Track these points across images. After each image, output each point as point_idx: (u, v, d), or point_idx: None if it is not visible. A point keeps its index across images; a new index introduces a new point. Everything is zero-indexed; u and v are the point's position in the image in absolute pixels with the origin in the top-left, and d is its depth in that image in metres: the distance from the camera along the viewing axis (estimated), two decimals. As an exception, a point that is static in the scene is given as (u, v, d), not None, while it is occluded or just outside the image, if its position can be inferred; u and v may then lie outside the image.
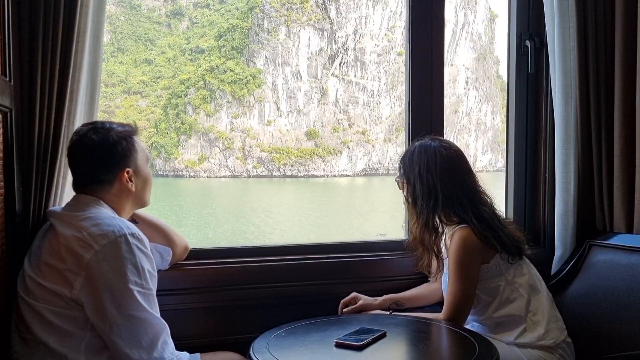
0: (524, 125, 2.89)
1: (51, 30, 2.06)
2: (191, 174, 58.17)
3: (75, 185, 2.02)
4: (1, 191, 1.96)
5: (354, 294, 2.49)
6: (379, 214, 35.17)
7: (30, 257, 1.93)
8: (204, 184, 56.15)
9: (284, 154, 59.79)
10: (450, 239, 2.26)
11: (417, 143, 2.39)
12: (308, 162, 60.01)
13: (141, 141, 2.11)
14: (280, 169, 59.50)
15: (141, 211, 2.26)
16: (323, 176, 59.47)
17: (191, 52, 66.45)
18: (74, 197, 2.02)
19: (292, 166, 59.63)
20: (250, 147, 59.54)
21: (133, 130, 2.06)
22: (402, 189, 2.42)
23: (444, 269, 2.40)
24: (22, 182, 2.04)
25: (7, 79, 1.97)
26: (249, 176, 58.68)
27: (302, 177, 58.91)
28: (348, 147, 61.09)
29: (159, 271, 2.29)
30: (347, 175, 60.00)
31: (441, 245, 2.40)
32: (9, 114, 1.97)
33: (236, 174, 58.59)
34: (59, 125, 2.08)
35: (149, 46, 68.68)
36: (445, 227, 2.34)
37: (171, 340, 1.93)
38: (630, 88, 2.51)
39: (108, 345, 1.84)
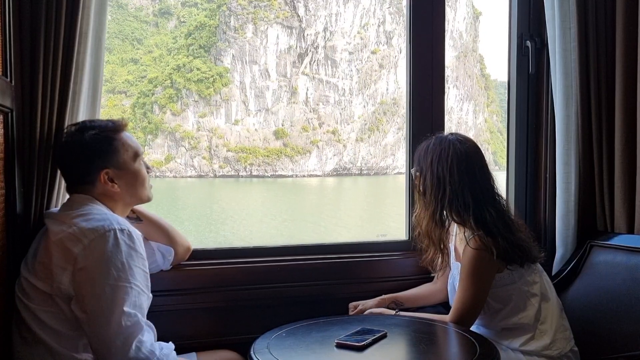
0: (524, 126, 2.90)
1: (53, 30, 2.03)
2: (157, 174, 57.50)
3: (67, 187, 2.03)
4: (2, 192, 1.94)
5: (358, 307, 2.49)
6: (354, 214, 35.28)
7: (26, 259, 1.92)
8: (170, 184, 55.55)
9: (250, 153, 59.30)
10: (463, 244, 2.24)
11: (434, 136, 2.37)
12: (275, 162, 59.67)
13: (132, 136, 2.06)
14: (247, 169, 59.09)
15: (147, 210, 2.25)
16: (291, 176, 59.20)
17: (177, 51, 65.46)
18: (69, 197, 2.01)
19: (259, 166, 59.21)
20: (216, 146, 58.99)
21: (116, 126, 2.02)
22: (417, 181, 2.40)
23: (453, 271, 2.39)
24: (23, 183, 2.02)
25: (8, 79, 1.95)
26: (215, 176, 58.18)
27: (269, 177, 58.58)
28: (318, 147, 60.78)
29: (160, 271, 2.28)
30: (316, 176, 59.69)
31: (449, 246, 2.40)
32: (9, 114, 1.97)
33: (202, 174, 58.07)
34: (61, 127, 2.06)
35: (135, 45, 67.63)
36: (452, 223, 2.33)
37: (150, 337, 1.87)
38: (631, 88, 2.52)
39: (88, 339, 1.82)
